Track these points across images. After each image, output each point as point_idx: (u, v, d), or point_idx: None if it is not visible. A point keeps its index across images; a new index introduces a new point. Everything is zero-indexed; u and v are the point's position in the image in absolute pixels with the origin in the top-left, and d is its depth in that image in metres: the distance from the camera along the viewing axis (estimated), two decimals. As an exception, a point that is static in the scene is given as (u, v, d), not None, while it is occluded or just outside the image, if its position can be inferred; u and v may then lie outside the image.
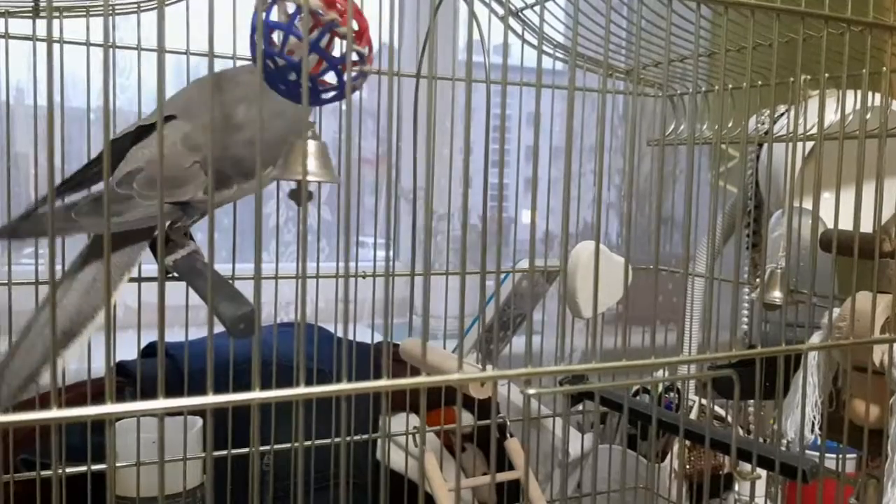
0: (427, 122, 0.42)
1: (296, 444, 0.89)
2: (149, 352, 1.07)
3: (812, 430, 0.64)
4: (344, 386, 0.40)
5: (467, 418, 1.04)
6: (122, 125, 0.84)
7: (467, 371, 0.44)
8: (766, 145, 1.10)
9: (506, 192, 1.24)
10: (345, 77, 0.51)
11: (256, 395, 0.39)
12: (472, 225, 1.26)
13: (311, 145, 0.51)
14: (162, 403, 0.39)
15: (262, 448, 0.92)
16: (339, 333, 0.61)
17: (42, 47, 0.76)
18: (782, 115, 1.02)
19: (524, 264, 1.08)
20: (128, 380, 1.11)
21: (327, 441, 0.91)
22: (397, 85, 0.95)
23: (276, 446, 0.90)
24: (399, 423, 1.04)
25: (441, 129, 0.97)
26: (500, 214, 0.52)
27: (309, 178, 0.51)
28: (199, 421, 1.03)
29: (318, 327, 0.97)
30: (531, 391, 0.42)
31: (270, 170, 0.61)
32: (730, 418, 1.10)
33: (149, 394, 0.98)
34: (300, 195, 0.45)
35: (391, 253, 0.61)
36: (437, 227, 1.35)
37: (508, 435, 0.80)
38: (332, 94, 0.51)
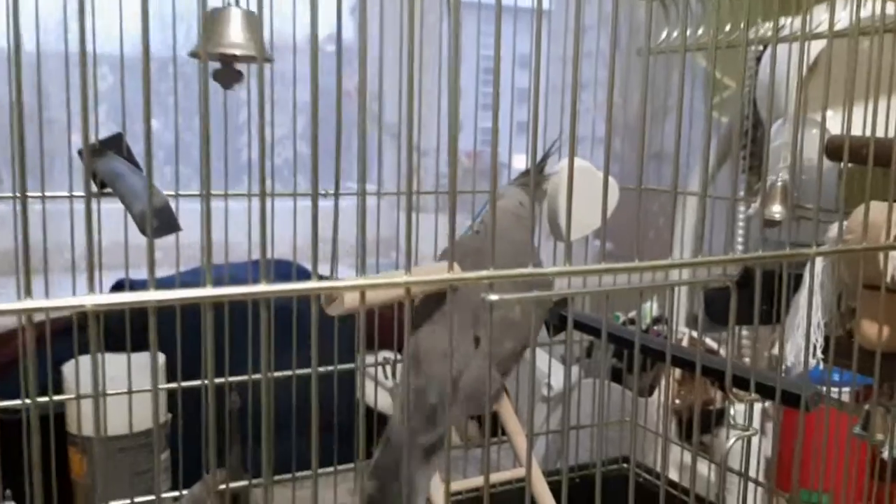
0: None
1: (259, 378, 0.83)
2: (116, 290, 1.02)
3: (814, 355, 0.59)
4: (312, 284, 0.36)
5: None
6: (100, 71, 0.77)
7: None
8: (763, 62, 1.03)
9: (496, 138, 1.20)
10: None
11: (208, 291, 0.34)
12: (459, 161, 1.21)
13: (236, 13, 0.43)
14: (91, 300, 0.33)
15: (230, 379, 0.87)
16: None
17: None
18: (782, 27, 0.95)
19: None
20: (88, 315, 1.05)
21: (289, 373, 0.85)
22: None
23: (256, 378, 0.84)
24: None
25: (431, 72, 0.91)
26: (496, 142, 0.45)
27: (233, 50, 0.45)
28: (161, 356, 0.98)
29: (298, 266, 0.92)
30: (493, 297, 0.36)
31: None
32: (723, 350, 1.05)
33: (115, 333, 0.92)
34: (225, 76, 0.39)
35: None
36: (423, 162, 1.31)
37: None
38: None
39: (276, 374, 0.85)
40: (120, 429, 0.81)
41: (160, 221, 0.42)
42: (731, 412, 0.48)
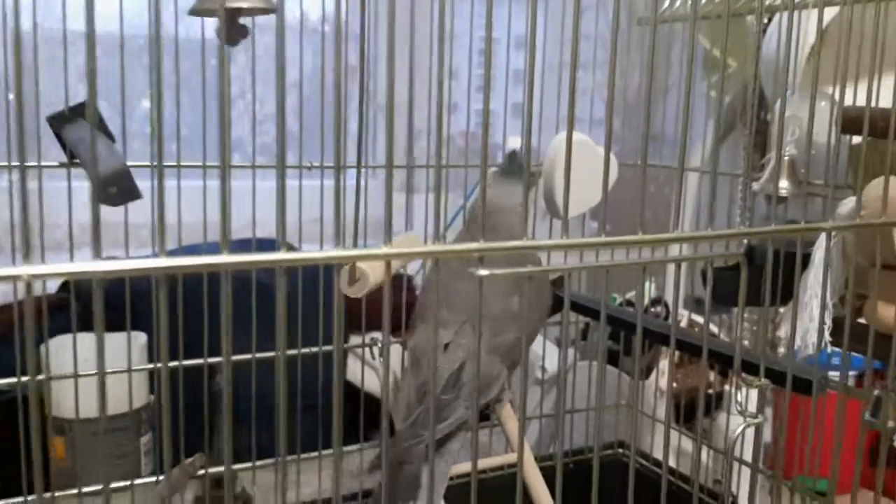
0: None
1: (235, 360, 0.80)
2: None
3: (821, 339, 0.56)
4: (278, 256, 0.35)
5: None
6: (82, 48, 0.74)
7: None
8: (768, 34, 1.00)
9: (492, 119, 1.18)
10: None
11: (161, 262, 0.32)
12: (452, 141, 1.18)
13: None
14: (27, 270, 0.30)
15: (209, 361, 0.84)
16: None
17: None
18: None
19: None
20: (69, 294, 1.03)
21: (271, 354, 0.82)
22: None
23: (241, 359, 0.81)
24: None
25: (424, 52, 0.89)
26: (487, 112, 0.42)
27: (237, 3, 0.42)
28: (142, 336, 0.95)
29: (290, 245, 0.89)
30: (483, 272, 0.33)
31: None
32: (723, 335, 1.02)
33: (92, 312, 0.88)
34: (229, 32, 0.36)
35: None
36: (415, 143, 1.28)
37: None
38: None
39: (259, 355, 0.82)
40: (95, 411, 0.78)
41: (119, 188, 0.38)
42: (739, 398, 0.46)
